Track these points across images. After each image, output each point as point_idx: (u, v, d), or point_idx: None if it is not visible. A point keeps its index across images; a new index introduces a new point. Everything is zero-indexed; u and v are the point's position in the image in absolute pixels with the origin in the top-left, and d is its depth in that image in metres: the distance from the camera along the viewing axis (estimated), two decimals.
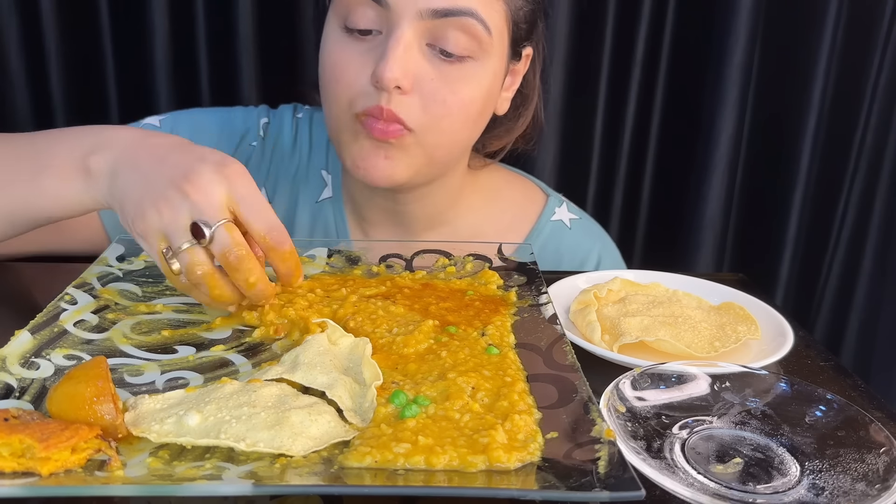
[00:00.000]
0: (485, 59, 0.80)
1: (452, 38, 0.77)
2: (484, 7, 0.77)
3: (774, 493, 0.50)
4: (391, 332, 0.63)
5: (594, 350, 0.66)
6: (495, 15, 0.79)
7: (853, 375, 0.67)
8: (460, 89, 0.79)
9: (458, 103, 0.80)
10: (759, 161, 1.36)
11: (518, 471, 0.46)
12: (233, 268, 0.62)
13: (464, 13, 0.76)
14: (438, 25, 0.76)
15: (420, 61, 0.77)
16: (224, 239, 0.62)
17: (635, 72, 1.29)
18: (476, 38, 0.77)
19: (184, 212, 0.62)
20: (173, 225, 0.62)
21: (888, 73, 1.29)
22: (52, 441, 0.44)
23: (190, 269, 0.62)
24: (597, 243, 1.01)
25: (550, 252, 0.98)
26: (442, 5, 0.75)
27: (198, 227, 0.61)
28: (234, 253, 0.62)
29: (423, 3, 0.75)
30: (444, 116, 0.80)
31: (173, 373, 0.58)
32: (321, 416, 0.50)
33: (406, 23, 0.75)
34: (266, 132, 1.00)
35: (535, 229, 0.99)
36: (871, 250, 1.39)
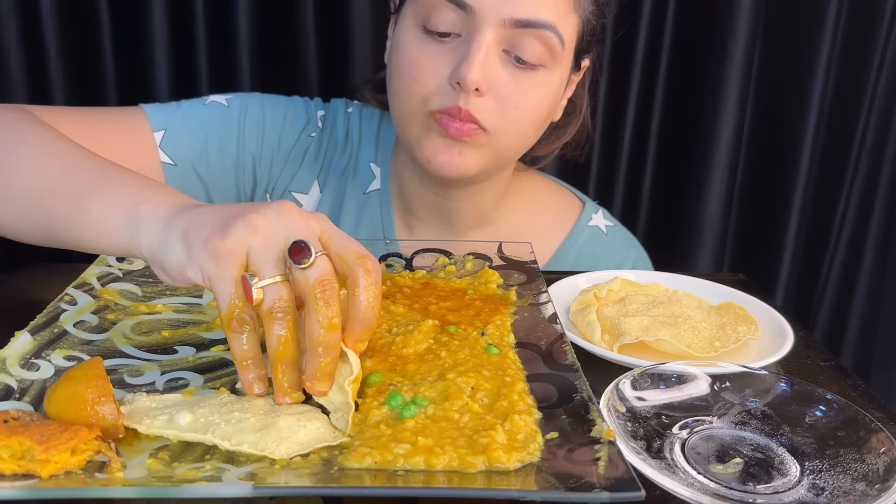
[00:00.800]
0: (554, 69, 0.83)
1: (529, 47, 0.80)
2: (561, 21, 0.80)
3: (774, 493, 0.50)
4: (390, 333, 0.63)
5: (594, 350, 0.66)
6: (570, 28, 0.82)
7: (853, 375, 0.67)
8: (532, 95, 0.82)
9: (530, 108, 0.83)
10: (759, 161, 1.36)
11: (518, 471, 0.46)
12: (322, 301, 0.52)
13: (543, 26, 0.79)
14: (518, 34, 0.79)
15: (497, 66, 0.80)
16: (326, 267, 0.53)
17: (635, 72, 1.29)
18: (550, 49, 0.81)
19: (280, 232, 0.54)
20: (266, 246, 0.53)
21: (888, 73, 1.29)
22: (52, 443, 0.44)
23: (277, 302, 0.53)
24: (632, 250, 1.04)
25: (587, 256, 1.01)
26: (525, 16, 0.78)
27: (301, 247, 0.53)
28: (331, 286, 0.53)
29: (507, 12, 0.78)
30: (517, 120, 0.83)
31: (173, 373, 0.58)
32: (310, 423, 0.50)
33: (489, 28, 0.78)
34: (324, 124, 1.01)
35: (574, 233, 1.02)
36: (871, 250, 1.39)
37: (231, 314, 0.53)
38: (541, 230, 1.01)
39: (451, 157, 0.83)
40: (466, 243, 0.83)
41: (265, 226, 0.54)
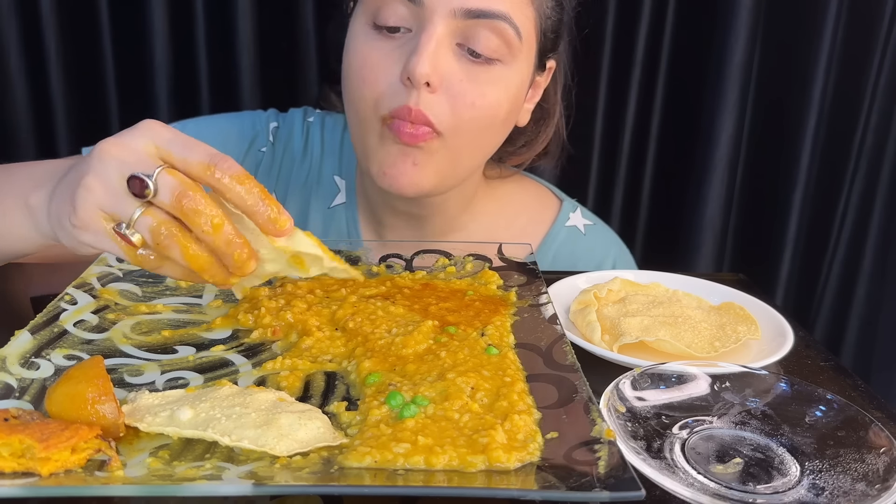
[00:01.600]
0: (512, 64, 0.80)
1: (483, 39, 0.76)
2: (516, 11, 0.77)
3: (774, 493, 0.50)
4: (390, 333, 0.63)
5: (594, 350, 0.66)
6: (526, 21, 0.79)
7: (853, 375, 0.67)
8: (488, 91, 0.79)
9: (486, 105, 0.79)
10: (759, 161, 1.36)
11: (518, 471, 0.46)
12: (190, 213, 0.53)
13: (497, 16, 0.76)
14: (470, 25, 0.76)
15: (450, 60, 0.77)
16: (170, 182, 0.53)
17: (635, 72, 1.29)
18: (506, 42, 0.77)
19: (112, 173, 0.54)
20: (108, 193, 0.54)
21: (888, 73, 1.29)
22: (52, 441, 0.44)
23: (155, 232, 0.53)
24: (612, 249, 1.01)
25: (565, 257, 0.98)
26: (476, 6, 0.75)
27: (136, 180, 0.52)
28: (186, 195, 0.53)
29: (458, 2, 0.75)
30: (472, 118, 0.79)
31: (173, 373, 0.58)
32: (311, 422, 0.50)
33: (439, 20, 0.75)
34: (276, 137, 0.98)
35: (550, 234, 0.99)
36: (871, 250, 1.39)
37: (135, 261, 0.55)
38: (515, 232, 0.98)
39: (405, 167, 0.79)
40: (467, 244, 0.82)
41: (96, 177, 0.54)
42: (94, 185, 0.54)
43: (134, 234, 0.54)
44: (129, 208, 0.53)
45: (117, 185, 0.53)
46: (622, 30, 1.27)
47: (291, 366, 0.59)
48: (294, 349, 0.62)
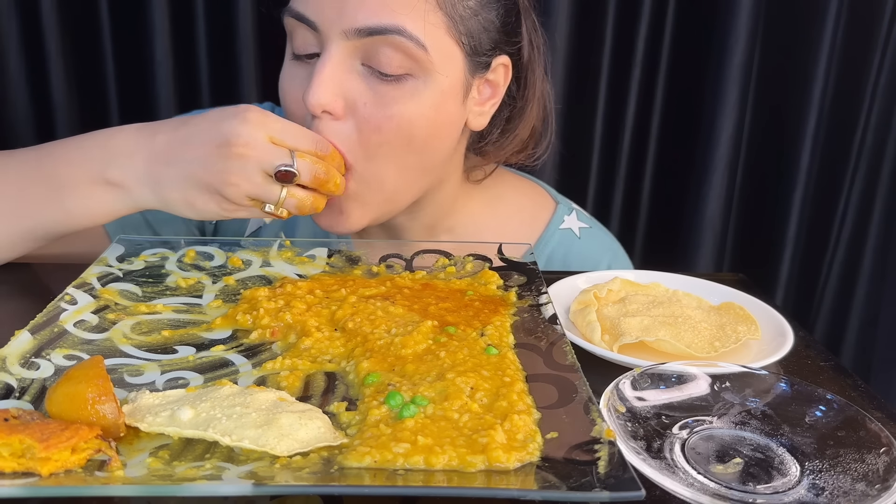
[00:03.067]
0: (426, 77, 0.75)
1: (384, 57, 0.73)
2: (414, 22, 0.72)
3: (774, 493, 0.50)
4: (390, 333, 0.63)
5: (594, 350, 0.66)
6: (432, 28, 0.73)
7: (853, 375, 0.67)
8: (398, 111, 0.74)
9: (395, 128, 0.75)
10: (759, 161, 1.36)
11: (517, 471, 0.46)
12: (322, 183, 0.71)
13: (390, 31, 0.71)
14: (368, 44, 0.73)
15: (354, 82, 0.74)
16: (306, 166, 0.69)
17: (635, 72, 1.29)
18: (410, 55, 0.73)
19: (253, 171, 0.68)
20: (253, 186, 0.68)
21: (888, 73, 1.29)
22: (53, 441, 0.44)
23: (301, 206, 0.71)
24: (607, 254, 0.98)
25: (558, 261, 0.96)
26: (364, 24, 0.71)
27: (285, 172, 0.68)
28: (320, 170, 0.70)
29: (346, 22, 0.72)
30: (382, 143, 0.75)
31: (173, 373, 0.58)
32: (311, 422, 0.50)
33: (333, 44, 0.73)
34: None
35: (543, 237, 0.96)
36: (871, 250, 1.39)
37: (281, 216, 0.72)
38: (507, 235, 0.93)
39: (333, 217, 0.79)
40: (467, 244, 0.82)
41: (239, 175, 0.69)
42: (239, 182, 0.68)
43: (282, 211, 0.71)
44: (273, 193, 0.69)
45: (260, 179, 0.68)
46: (622, 30, 1.27)
47: (291, 366, 0.59)
48: (293, 349, 0.62)
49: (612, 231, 1.37)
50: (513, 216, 0.97)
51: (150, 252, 0.78)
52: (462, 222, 0.95)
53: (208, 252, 0.80)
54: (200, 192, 0.71)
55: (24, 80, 1.28)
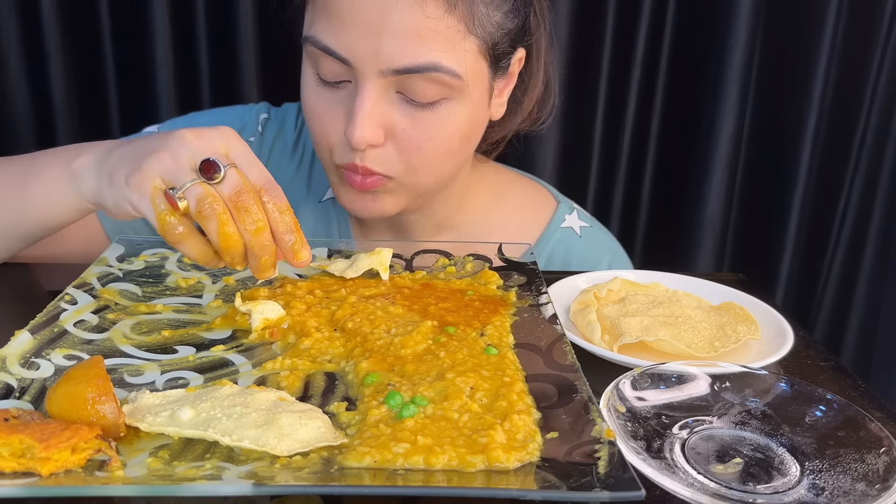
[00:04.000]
0: (460, 98, 0.78)
1: (420, 89, 0.75)
2: (449, 55, 0.74)
3: (774, 493, 0.50)
4: (389, 333, 0.63)
5: (594, 350, 0.66)
6: (466, 55, 0.75)
7: (853, 375, 0.67)
8: (435, 133, 0.78)
9: (434, 147, 0.78)
10: (759, 161, 1.36)
11: (517, 471, 0.46)
12: (243, 211, 0.60)
13: (427, 69, 0.73)
14: (403, 79, 0.74)
15: (391, 112, 0.76)
16: (235, 179, 0.61)
17: (635, 72, 1.29)
18: (445, 85, 0.75)
19: (185, 154, 0.61)
20: (175, 165, 0.60)
21: (888, 73, 1.29)
22: (53, 441, 0.44)
23: (201, 200, 0.59)
24: (607, 254, 0.99)
25: (559, 260, 0.96)
26: (402, 64, 0.73)
27: (210, 164, 0.60)
28: (245, 195, 0.60)
29: (384, 62, 0.73)
30: (423, 160, 0.79)
31: (173, 373, 0.58)
32: (311, 422, 0.50)
33: (370, 81, 0.74)
34: (265, 128, 0.99)
35: (545, 236, 0.97)
36: (871, 250, 1.39)
37: (164, 227, 0.60)
38: (509, 233, 0.96)
39: (364, 203, 0.83)
40: (467, 244, 0.82)
41: (169, 152, 0.61)
42: (164, 158, 0.61)
43: (182, 200, 0.60)
44: (186, 178, 0.60)
45: (186, 163, 0.60)
46: (622, 30, 1.27)
47: (291, 366, 0.59)
48: (293, 349, 0.62)
49: (612, 231, 1.37)
50: (515, 214, 0.98)
51: (150, 252, 0.78)
52: (467, 220, 0.96)
53: None
54: (123, 165, 0.63)
55: (24, 80, 1.27)
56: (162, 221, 0.60)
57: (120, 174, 0.63)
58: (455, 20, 0.73)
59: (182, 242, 0.62)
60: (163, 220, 0.60)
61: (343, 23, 0.73)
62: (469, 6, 0.74)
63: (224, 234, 0.60)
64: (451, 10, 0.73)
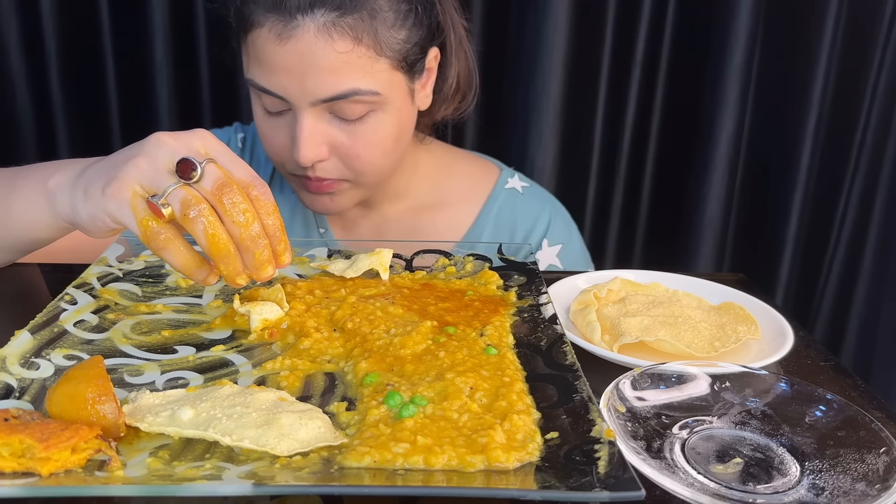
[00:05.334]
0: (384, 107, 0.87)
1: (348, 110, 0.85)
2: (366, 79, 0.84)
3: (774, 493, 0.50)
4: (389, 333, 0.63)
5: (594, 350, 0.66)
6: (381, 75, 0.85)
7: (853, 375, 0.67)
8: (369, 141, 0.88)
9: (371, 152, 0.89)
10: (759, 161, 1.36)
11: (517, 471, 0.46)
12: (227, 203, 0.58)
13: (347, 95, 0.84)
14: (332, 105, 0.85)
15: (328, 131, 0.87)
16: (216, 172, 0.58)
17: (635, 72, 1.29)
18: (368, 103, 0.86)
19: (162, 157, 0.59)
20: (154, 170, 0.59)
21: (888, 73, 1.29)
22: (53, 441, 0.44)
23: (186, 203, 0.57)
24: (547, 206, 1.08)
25: (506, 218, 1.06)
26: (326, 95, 0.83)
27: (186, 162, 0.57)
28: (228, 186, 0.58)
29: (311, 96, 0.83)
30: (364, 165, 0.90)
31: (173, 373, 0.58)
32: (311, 422, 0.50)
33: (304, 111, 0.85)
34: (244, 144, 1.09)
35: (492, 196, 1.07)
36: (871, 250, 1.39)
37: (147, 234, 0.59)
38: (463, 195, 1.07)
39: (324, 203, 0.93)
40: (467, 245, 0.83)
41: (146, 157, 0.60)
42: (141, 164, 0.59)
43: (166, 207, 0.58)
44: (166, 182, 0.58)
45: (164, 166, 0.59)
46: (622, 30, 1.27)
47: (291, 366, 0.59)
48: (293, 349, 0.62)
49: (611, 231, 1.38)
50: (463, 180, 1.09)
51: (150, 252, 0.78)
52: (420, 186, 1.06)
53: None
54: (98, 177, 0.62)
55: (24, 80, 1.28)
56: (144, 227, 0.59)
57: (96, 186, 0.61)
58: (364, 49, 0.83)
59: (166, 249, 0.60)
60: (145, 225, 0.58)
61: (272, 68, 0.83)
62: (373, 35, 0.83)
63: (211, 235, 0.58)
64: (357, 42, 0.82)
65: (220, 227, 0.58)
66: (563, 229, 1.07)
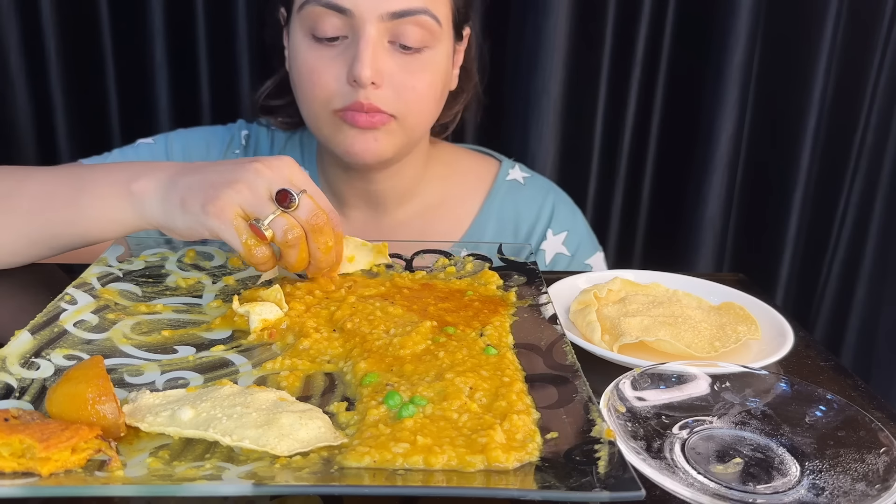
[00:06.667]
0: (438, 47, 0.91)
1: (411, 34, 0.87)
2: (433, 2, 0.88)
3: (774, 493, 0.50)
4: (388, 334, 0.63)
5: (594, 350, 0.66)
6: (442, 7, 0.90)
7: (853, 375, 0.67)
8: (423, 77, 0.90)
9: (425, 87, 0.91)
10: (759, 161, 1.36)
11: (517, 470, 0.46)
12: (317, 231, 0.68)
13: (418, 11, 0.86)
14: (397, 24, 0.86)
15: (386, 58, 0.88)
16: (310, 204, 0.68)
17: (635, 72, 1.29)
18: (429, 31, 0.88)
19: (262, 186, 0.67)
20: (254, 197, 0.67)
21: (888, 73, 1.29)
22: (53, 441, 0.44)
23: (286, 231, 0.67)
24: (550, 193, 1.10)
25: (509, 209, 1.07)
26: (399, 7, 0.85)
27: (285, 193, 0.67)
28: (320, 216, 0.68)
29: (382, 7, 0.85)
30: (416, 100, 0.90)
31: (173, 373, 0.58)
32: (312, 422, 0.50)
33: (370, 26, 0.85)
34: (248, 142, 1.09)
35: (494, 189, 1.08)
36: (871, 250, 1.39)
37: (250, 252, 0.67)
38: (466, 192, 1.09)
39: (367, 143, 0.91)
40: (466, 245, 0.83)
41: (247, 184, 0.67)
42: (243, 189, 0.67)
43: (267, 230, 0.67)
44: (267, 210, 0.67)
45: (263, 193, 0.67)
46: (622, 30, 1.27)
47: (291, 366, 0.59)
48: (293, 349, 0.62)
49: (611, 231, 1.38)
50: (467, 176, 1.10)
51: (150, 252, 0.79)
52: (427, 186, 1.07)
53: (208, 252, 0.80)
54: (196, 193, 0.69)
55: (24, 80, 1.27)
56: (248, 248, 0.67)
57: (194, 202, 0.68)
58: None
59: (263, 265, 0.69)
60: (249, 247, 0.67)
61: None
62: None
63: (301, 258, 0.69)
64: None
65: (307, 250, 0.69)
66: (568, 215, 1.09)
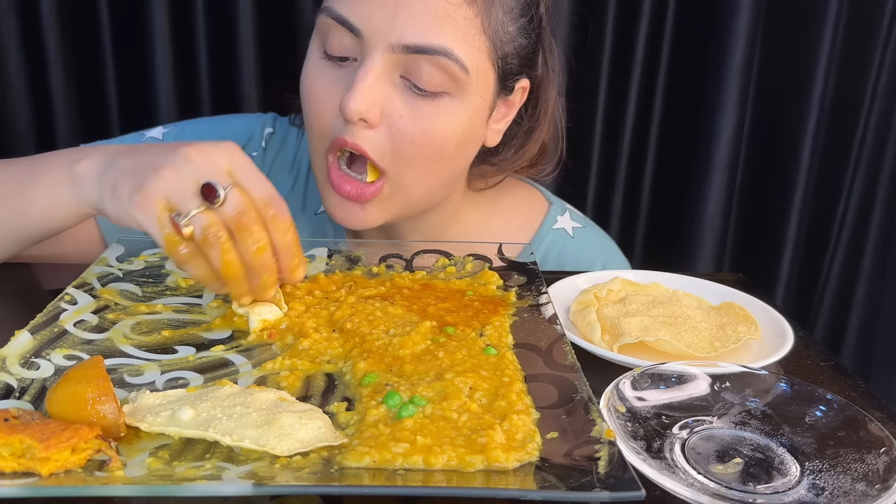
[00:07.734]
0: (462, 96, 0.77)
1: (426, 74, 0.74)
2: (460, 45, 0.74)
3: (774, 493, 0.50)
4: (388, 334, 0.63)
5: (594, 350, 0.66)
6: (475, 52, 0.75)
7: (853, 375, 0.67)
8: (432, 127, 0.76)
9: (428, 142, 0.77)
10: (759, 161, 1.36)
11: (517, 470, 0.46)
12: (245, 231, 0.61)
13: (437, 52, 0.73)
14: (411, 60, 0.74)
15: (390, 94, 0.75)
16: (237, 199, 0.61)
17: (635, 72, 1.29)
18: (451, 76, 0.75)
19: (189, 175, 0.61)
20: (179, 188, 0.60)
21: (888, 73, 1.29)
22: (53, 441, 0.44)
23: (206, 230, 0.60)
24: (601, 253, 0.98)
25: (552, 261, 0.96)
26: (413, 41, 0.72)
27: (210, 188, 0.60)
28: (247, 215, 0.61)
29: (395, 36, 0.72)
30: (414, 155, 0.77)
31: (173, 373, 0.58)
32: (312, 422, 0.50)
33: (377, 54, 0.73)
34: (269, 143, 0.99)
35: (537, 237, 0.97)
36: (871, 250, 1.39)
37: (169, 247, 0.61)
38: (506, 237, 0.95)
39: (352, 213, 0.80)
40: (467, 244, 0.82)
41: (174, 171, 0.61)
42: (169, 176, 0.61)
43: (186, 227, 0.60)
44: (191, 204, 0.60)
45: (190, 184, 0.61)
46: (622, 30, 1.27)
47: (291, 366, 0.59)
48: (292, 350, 0.62)
49: (611, 231, 1.37)
50: (509, 221, 0.98)
51: (150, 252, 0.78)
52: (461, 232, 0.95)
53: None
54: (127, 178, 0.63)
55: (24, 80, 1.27)
56: (168, 242, 0.61)
57: (123, 187, 0.63)
58: (472, 13, 0.74)
59: (187, 263, 0.62)
60: (169, 241, 0.61)
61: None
62: (488, 4, 0.74)
63: (225, 261, 0.61)
64: (471, 2, 0.73)
65: (234, 253, 0.61)
66: None
